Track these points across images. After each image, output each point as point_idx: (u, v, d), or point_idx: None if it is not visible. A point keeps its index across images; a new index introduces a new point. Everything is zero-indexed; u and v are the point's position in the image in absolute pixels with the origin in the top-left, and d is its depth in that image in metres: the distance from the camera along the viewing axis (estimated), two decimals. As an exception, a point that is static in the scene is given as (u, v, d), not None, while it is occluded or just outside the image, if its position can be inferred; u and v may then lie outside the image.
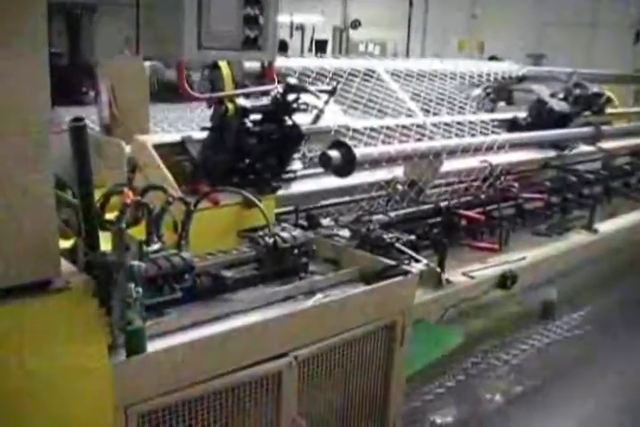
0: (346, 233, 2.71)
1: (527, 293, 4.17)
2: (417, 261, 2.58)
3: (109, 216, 1.73)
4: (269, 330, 2.00)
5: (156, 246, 1.85)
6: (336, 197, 3.12)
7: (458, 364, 3.72)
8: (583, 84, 4.18)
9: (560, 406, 3.45)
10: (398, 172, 3.19)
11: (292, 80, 2.59)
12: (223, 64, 2.37)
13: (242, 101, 2.49)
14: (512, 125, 4.07)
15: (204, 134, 2.56)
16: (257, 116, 2.53)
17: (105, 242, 1.69)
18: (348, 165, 2.66)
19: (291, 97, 2.56)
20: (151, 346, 1.73)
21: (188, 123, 4.43)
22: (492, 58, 9.78)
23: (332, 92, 2.70)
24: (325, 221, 2.84)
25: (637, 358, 4.07)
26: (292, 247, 2.26)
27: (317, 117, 2.72)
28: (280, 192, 2.65)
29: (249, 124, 2.49)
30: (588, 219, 3.90)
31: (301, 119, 2.63)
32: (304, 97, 2.57)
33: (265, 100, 2.58)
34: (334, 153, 2.66)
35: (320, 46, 16.58)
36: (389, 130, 3.03)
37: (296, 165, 2.77)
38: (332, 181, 2.95)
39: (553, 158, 4.20)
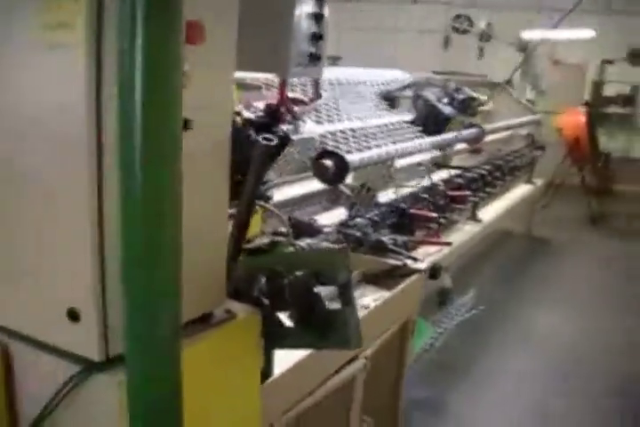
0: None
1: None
2: (414, 259, 2.77)
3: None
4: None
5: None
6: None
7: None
8: (462, 89, 4.62)
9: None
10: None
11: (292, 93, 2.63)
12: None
13: (246, 113, 2.50)
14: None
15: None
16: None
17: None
18: (341, 172, 2.77)
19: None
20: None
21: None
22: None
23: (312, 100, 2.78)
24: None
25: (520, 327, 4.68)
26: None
27: (297, 126, 2.79)
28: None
29: (253, 136, 2.51)
30: (472, 211, 4.39)
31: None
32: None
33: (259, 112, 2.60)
34: (329, 162, 2.75)
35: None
36: (343, 133, 3.16)
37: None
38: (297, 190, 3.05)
39: (438, 157, 4.61)
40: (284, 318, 1.52)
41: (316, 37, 1.99)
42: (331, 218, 3.18)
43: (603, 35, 8.91)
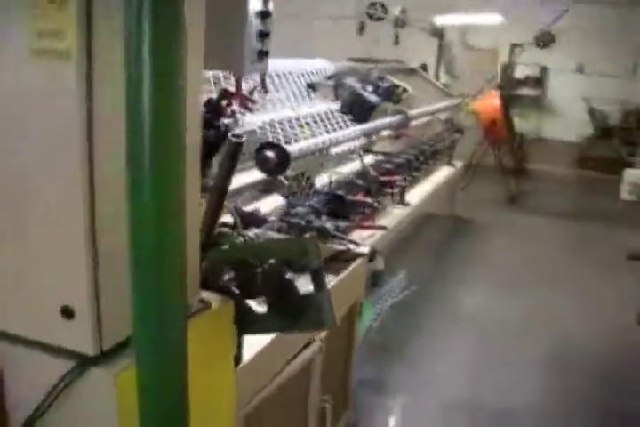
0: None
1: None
2: (357, 244, 2.88)
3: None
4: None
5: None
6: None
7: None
8: (385, 78, 4.76)
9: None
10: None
11: (229, 86, 2.68)
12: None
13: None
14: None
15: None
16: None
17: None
18: (283, 163, 2.84)
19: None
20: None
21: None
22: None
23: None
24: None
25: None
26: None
27: (236, 120, 2.85)
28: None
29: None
30: (400, 195, 4.56)
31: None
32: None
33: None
34: (270, 153, 2.82)
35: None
36: (280, 124, 3.23)
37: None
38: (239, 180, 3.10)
39: (366, 144, 4.74)
40: (256, 305, 1.60)
41: (264, 35, 2.06)
42: (267, 206, 3.24)
43: (513, 19, 9.25)
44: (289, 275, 1.49)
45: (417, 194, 5.04)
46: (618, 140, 10.20)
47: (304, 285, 1.47)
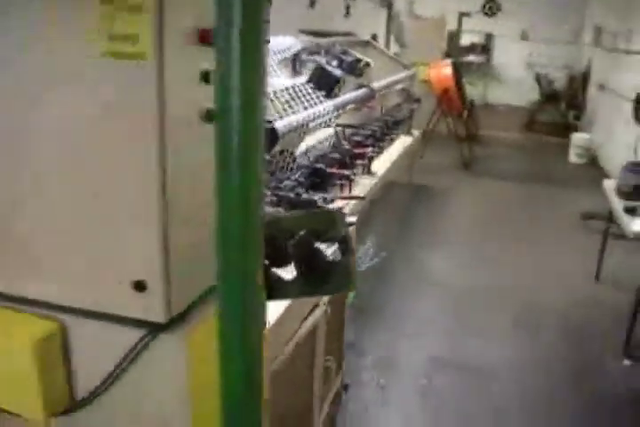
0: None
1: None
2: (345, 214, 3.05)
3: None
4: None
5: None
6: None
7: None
8: (348, 52, 4.90)
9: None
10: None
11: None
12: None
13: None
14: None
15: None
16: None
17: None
18: (272, 141, 2.98)
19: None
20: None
21: None
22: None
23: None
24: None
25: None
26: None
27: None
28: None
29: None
30: (368, 165, 4.75)
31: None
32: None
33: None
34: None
35: None
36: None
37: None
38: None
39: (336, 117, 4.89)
40: (284, 273, 1.76)
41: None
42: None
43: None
44: (317, 244, 1.65)
45: (381, 164, 5.22)
46: (564, 105, 10.58)
47: (331, 252, 1.64)
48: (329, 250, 1.65)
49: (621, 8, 8.35)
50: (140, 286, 1.35)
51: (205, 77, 1.34)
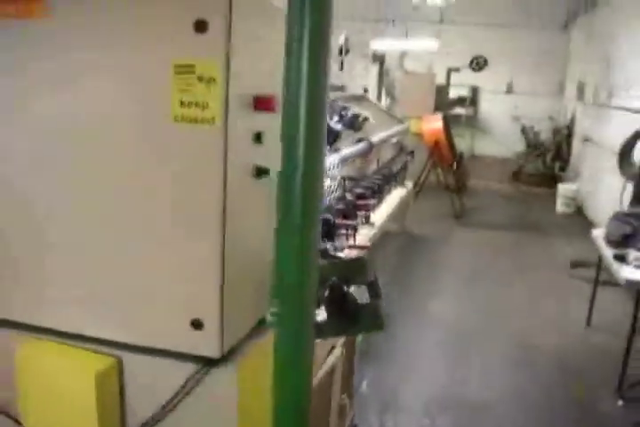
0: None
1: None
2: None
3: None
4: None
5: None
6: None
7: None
8: (348, 108, 5.15)
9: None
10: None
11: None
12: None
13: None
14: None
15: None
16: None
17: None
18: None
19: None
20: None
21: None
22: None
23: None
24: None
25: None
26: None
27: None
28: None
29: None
30: (368, 215, 4.93)
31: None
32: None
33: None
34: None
35: None
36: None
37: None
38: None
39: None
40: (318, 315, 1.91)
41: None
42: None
43: (448, 44, 9.84)
44: (347, 289, 1.81)
45: (378, 214, 5.38)
46: (550, 156, 10.90)
47: (360, 295, 1.80)
48: (357, 293, 1.81)
49: (603, 64, 8.72)
50: (197, 324, 1.49)
51: (258, 138, 1.53)
